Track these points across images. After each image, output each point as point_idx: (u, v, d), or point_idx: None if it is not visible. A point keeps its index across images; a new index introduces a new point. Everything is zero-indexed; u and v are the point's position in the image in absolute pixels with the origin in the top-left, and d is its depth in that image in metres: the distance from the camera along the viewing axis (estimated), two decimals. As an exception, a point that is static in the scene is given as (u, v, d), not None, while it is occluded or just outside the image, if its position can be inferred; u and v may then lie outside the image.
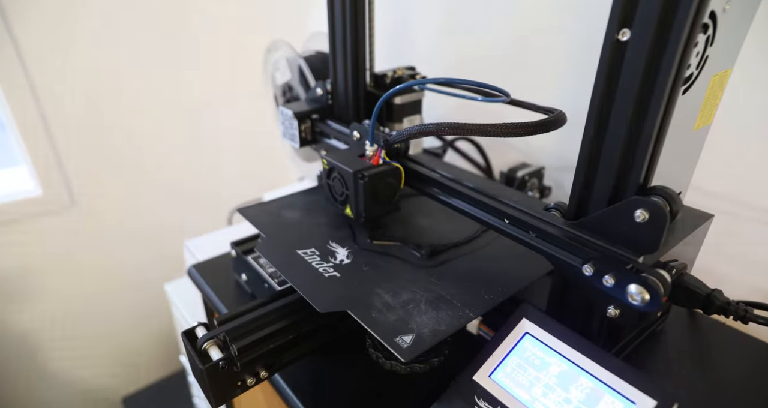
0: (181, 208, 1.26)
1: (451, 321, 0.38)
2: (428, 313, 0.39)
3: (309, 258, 0.47)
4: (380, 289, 0.42)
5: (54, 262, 1.13)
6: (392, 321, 0.38)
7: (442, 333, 0.37)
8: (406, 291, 0.42)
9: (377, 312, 0.39)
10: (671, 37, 0.29)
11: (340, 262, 0.46)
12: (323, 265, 0.46)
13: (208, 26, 1.12)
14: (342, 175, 0.49)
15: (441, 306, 0.40)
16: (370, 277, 0.44)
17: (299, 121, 0.62)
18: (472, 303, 0.41)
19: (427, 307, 0.40)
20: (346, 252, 0.48)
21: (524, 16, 0.70)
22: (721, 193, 0.56)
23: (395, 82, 0.63)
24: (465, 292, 0.42)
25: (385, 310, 0.40)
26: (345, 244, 0.50)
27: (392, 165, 0.49)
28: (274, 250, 0.48)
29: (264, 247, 0.49)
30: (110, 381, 1.33)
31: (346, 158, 0.50)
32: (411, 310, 0.40)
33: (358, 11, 0.56)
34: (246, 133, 1.29)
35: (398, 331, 0.37)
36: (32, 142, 1.00)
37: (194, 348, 0.39)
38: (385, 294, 0.42)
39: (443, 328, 0.38)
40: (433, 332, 0.37)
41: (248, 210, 0.56)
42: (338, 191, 0.51)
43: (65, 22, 0.96)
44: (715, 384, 0.44)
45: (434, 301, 0.41)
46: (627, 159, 0.34)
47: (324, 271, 0.45)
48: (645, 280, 0.32)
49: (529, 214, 0.40)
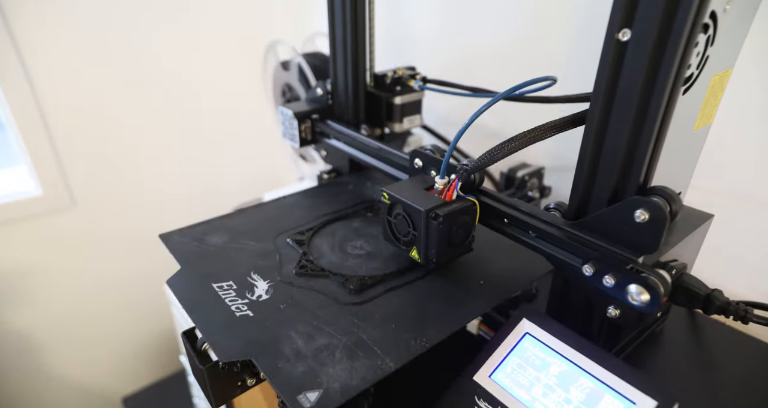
0: (181, 208, 1.26)
1: (366, 374, 0.34)
2: (342, 362, 0.35)
3: (224, 293, 0.42)
4: (295, 332, 0.38)
5: (54, 262, 1.13)
6: (299, 373, 0.34)
7: (353, 389, 0.33)
8: (324, 334, 0.38)
9: (285, 362, 0.35)
10: (672, 37, 0.29)
11: (257, 299, 0.42)
12: (237, 301, 0.41)
13: (209, 26, 1.12)
14: (409, 213, 0.42)
15: (358, 354, 0.36)
16: (286, 318, 0.40)
17: (299, 121, 0.62)
18: (395, 350, 0.36)
19: (342, 356, 0.36)
20: (267, 286, 0.43)
21: (524, 16, 0.70)
22: (721, 192, 0.56)
23: (395, 82, 0.63)
24: (389, 337, 0.37)
25: (294, 359, 0.35)
26: (267, 276, 0.45)
27: (468, 200, 0.42)
28: (186, 285, 0.44)
29: (176, 281, 0.44)
30: (110, 381, 1.33)
31: (413, 193, 0.43)
32: (324, 358, 0.35)
33: (358, 11, 0.56)
34: (246, 133, 1.29)
35: (302, 387, 0.33)
36: (32, 142, 1.00)
37: (194, 348, 0.39)
38: (299, 338, 0.37)
39: (355, 382, 0.33)
40: (344, 388, 0.33)
41: (170, 236, 0.51)
42: (402, 231, 0.44)
43: (65, 23, 0.96)
44: (715, 384, 0.44)
45: (352, 348, 0.36)
46: (627, 159, 0.34)
47: (237, 308, 0.40)
48: (645, 280, 0.32)
49: (529, 214, 0.40)
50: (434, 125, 0.76)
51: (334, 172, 0.66)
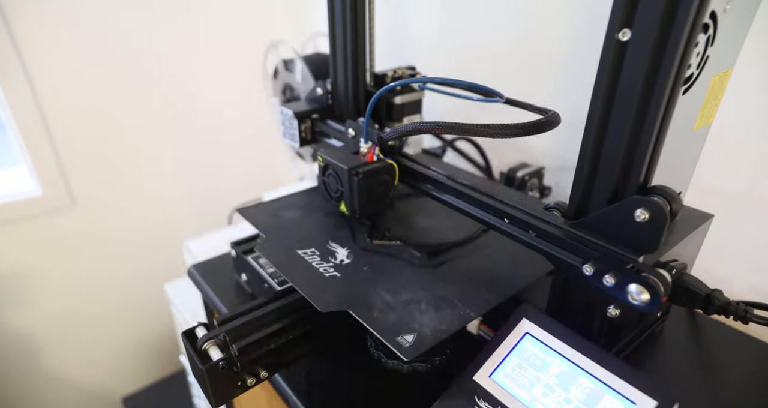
0: (181, 208, 1.26)
1: (452, 320, 0.38)
2: (429, 312, 0.39)
3: (309, 258, 0.47)
4: (381, 288, 0.42)
5: (54, 262, 1.13)
6: (393, 320, 0.38)
7: (444, 332, 0.37)
8: (407, 291, 0.42)
9: (378, 312, 0.40)
10: (672, 37, 0.29)
11: (340, 262, 0.46)
12: (323, 265, 0.46)
13: (209, 26, 1.12)
14: (336, 171, 0.49)
15: (442, 306, 0.40)
16: (370, 277, 0.44)
17: (299, 120, 0.62)
18: (473, 302, 0.41)
19: (427, 307, 0.40)
20: (346, 252, 0.48)
21: (524, 16, 0.70)
22: (721, 192, 0.56)
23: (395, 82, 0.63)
24: (465, 292, 0.42)
25: (387, 309, 0.40)
26: (345, 244, 0.50)
27: (386, 162, 0.49)
28: (274, 250, 0.48)
29: (264, 247, 0.49)
30: (110, 381, 1.33)
31: (341, 155, 0.50)
32: (412, 309, 0.40)
33: (358, 11, 0.56)
34: (246, 133, 1.29)
35: (400, 331, 0.37)
36: (32, 142, 1.00)
37: (194, 348, 0.39)
38: (386, 294, 0.42)
39: (444, 327, 0.38)
40: (435, 331, 0.37)
41: (248, 210, 0.56)
42: (333, 188, 0.51)
43: (65, 23, 0.96)
44: (715, 384, 0.44)
45: (435, 301, 0.41)
46: (627, 159, 0.34)
47: (324, 270, 0.45)
48: (645, 280, 0.32)
49: (529, 214, 0.40)
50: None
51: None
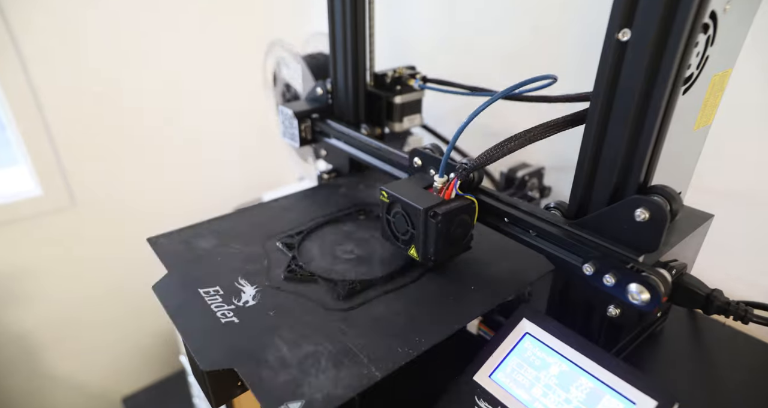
0: (181, 208, 1.26)
1: (351, 382, 0.33)
2: (327, 371, 0.34)
3: (210, 299, 0.42)
4: (280, 339, 0.37)
5: (54, 262, 1.13)
6: (282, 383, 0.33)
7: (337, 399, 0.32)
8: (310, 342, 0.37)
9: (269, 370, 0.34)
10: (672, 37, 0.29)
11: (243, 304, 0.41)
12: (223, 307, 0.41)
13: (209, 26, 1.12)
14: (407, 211, 0.42)
15: (344, 362, 0.35)
16: (272, 324, 0.39)
17: (299, 120, 0.62)
18: (382, 358, 0.35)
19: (327, 364, 0.35)
20: (254, 291, 0.43)
21: (525, 16, 0.70)
22: (721, 192, 0.56)
23: (395, 82, 0.63)
24: (376, 344, 0.37)
25: (278, 367, 0.35)
26: (255, 281, 0.44)
27: (467, 199, 0.42)
28: (173, 290, 0.43)
29: (162, 287, 0.43)
30: (110, 381, 1.33)
31: (411, 191, 0.43)
32: (308, 367, 0.35)
33: (358, 11, 0.56)
34: (246, 133, 1.29)
35: (284, 397, 0.32)
36: (32, 142, 1.00)
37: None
38: (284, 346, 0.37)
39: (340, 391, 0.33)
40: (327, 398, 0.32)
41: (158, 240, 0.50)
42: (401, 230, 0.44)
43: (65, 22, 0.96)
44: (715, 384, 0.44)
45: (338, 355, 0.36)
46: (627, 158, 0.34)
47: (222, 315, 0.40)
48: (645, 279, 0.32)
49: (529, 214, 0.40)
50: (434, 125, 0.76)
51: (335, 171, 0.66)
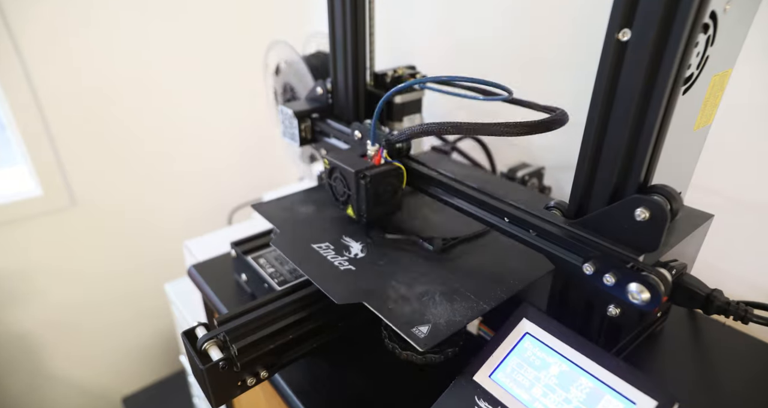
0: (181, 208, 1.26)
1: (466, 312, 0.39)
2: (443, 304, 0.40)
3: (324, 252, 0.47)
4: (395, 281, 0.43)
5: (54, 262, 1.13)
6: (408, 312, 0.39)
7: (458, 323, 0.38)
8: (420, 283, 0.43)
9: (393, 303, 0.40)
10: (672, 37, 0.29)
11: (354, 256, 0.47)
12: (338, 258, 0.46)
13: (209, 26, 1.12)
14: (343, 175, 0.49)
15: (455, 298, 0.41)
16: (384, 270, 0.45)
17: (299, 120, 0.62)
18: (486, 295, 0.41)
19: (441, 299, 0.41)
20: (360, 246, 0.49)
21: (525, 16, 0.70)
22: (721, 192, 0.56)
23: (395, 81, 0.63)
24: (478, 285, 0.43)
25: (401, 301, 0.40)
26: (359, 239, 0.50)
27: (394, 165, 0.49)
28: (289, 245, 0.49)
29: (279, 242, 0.49)
30: (110, 381, 1.33)
31: (348, 158, 0.50)
32: (426, 301, 0.40)
33: (358, 11, 0.56)
34: (246, 133, 1.29)
35: (414, 322, 0.38)
36: (32, 141, 1.00)
37: (194, 348, 0.39)
38: (400, 286, 0.42)
39: (458, 318, 0.38)
40: (449, 323, 0.38)
41: (262, 205, 0.56)
42: (340, 191, 0.51)
43: (65, 22, 0.96)
44: (715, 384, 0.44)
45: (448, 294, 0.41)
46: (627, 158, 0.34)
47: (339, 264, 0.45)
48: (646, 279, 0.32)
49: (529, 213, 0.40)
50: (434, 125, 0.76)
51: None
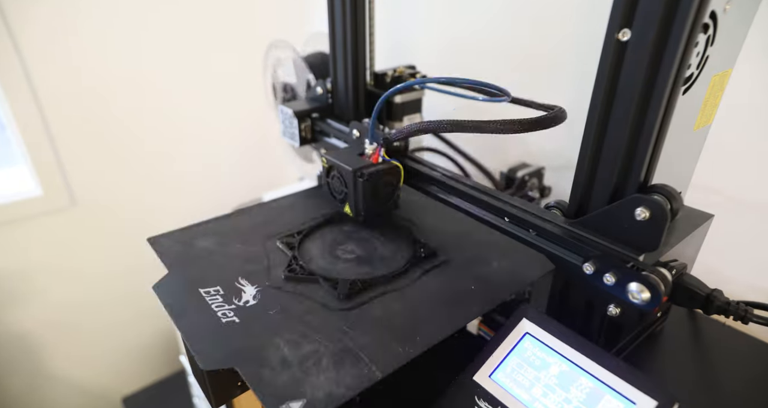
0: (181, 207, 1.26)
1: (352, 382, 0.34)
2: (328, 371, 0.35)
3: (210, 299, 0.42)
4: (281, 339, 0.38)
5: (54, 262, 1.13)
6: (283, 382, 0.34)
7: (338, 397, 0.33)
8: (311, 341, 0.37)
9: (270, 370, 0.35)
10: (672, 37, 0.29)
11: (244, 304, 0.41)
12: (224, 307, 0.41)
13: (209, 26, 1.12)
14: (341, 173, 0.49)
15: (345, 362, 0.36)
16: (273, 324, 0.39)
17: (299, 119, 0.62)
18: (383, 358, 0.36)
19: (328, 363, 0.35)
20: (255, 291, 0.43)
21: (525, 16, 0.70)
22: (722, 192, 0.56)
23: (395, 81, 0.63)
24: (377, 343, 0.37)
25: (280, 367, 0.35)
26: (255, 281, 0.44)
27: (391, 163, 0.49)
28: (173, 290, 0.43)
29: (162, 287, 0.43)
30: (110, 381, 1.33)
31: (346, 157, 0.50)
32: (309, 367, 0.35)
33: (358, 11, 0.56)
34: (246, 133, 1.29)
35: (286, 396, 0.33)
36: (32, 142, 1.00)
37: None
38: (285, 346, 0.37)
39: (341, 390, 0.33)
40: (328, 397, 0.33)
41: (158, 239, 0.51)
42: (337, 189, 0.51)
43: (65, 22, 0.96)
44: (715, 384, 0.44)
45: (339, 355, 0.36)
46: (627, 158, 0.34)
47: (223, 315, 0.40)
48: (646, 279, 0.32)
49: (529, 213, 0.40)
50: (434, 125, 0.76)
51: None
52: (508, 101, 0.44)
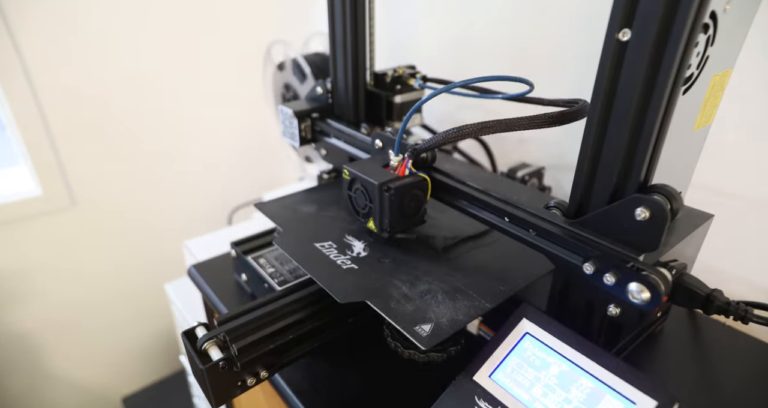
0: (181, 208, 1.26)
1: (468, 311, 0.39)
2: (445, 303, 0.40)
3: (327, 251, 0.47)
4: (397, 280, 0.43)
5: (54, 262, 1.13)
6: (411, 311, 0.39)
7: (460, 322, 0.38)
8: (423, 282, 0.43)
9: (396, 302, 0.40)
10: (672, 37, 0.29)
11: (357, 255, 0.46)
12: (341, 257, 0.46)
13: (209, 26, 1.12)
14: (365, 187, 0.46)
15: (457, 297, 0.41)
16: (386, 269, 0.44)
17: (299, 119, 0.62)
18: (488, 293, 0.41)
19: (444, 298, 0.40)
20: (363, 245, 0.48)
21: (524, 15, 0.70)
22: (722, 192, 0.56)
23: (395, 81, 0.63)
24: (480, 284, 0.42)
25: (404, 300, 0.40)
26: (361, 238, 0.49)
27: (419, 176, 0.46)
28: (291, 244, 0.48)
29: (282, 241, 0.49)
30: (110, 381, 1.33)
31: (370, 169, 0.47)
32: (428, 300, 0.40)
33: (358, 11, 0.56)
34: (246, 134, 1.30)
35: (417, 321, 0.38)
36: (32, 142, 1.00)
37: (194, 348, 0.39)
38: (403, 285, 0.42)
39: (461, 317, 0.38)
40: (451, 321, 0.38)
41: (264, 204, 0.56)
42: (361, 204, 0.48)
43: (65, 22, 0.96)
44: (715, 384, 0.44)
45: (450, 292, 0.41)
46: (627, 158, 0.34)
47: (342, 263, 0.45)
48: (646, 278, 0.32)
49: (529, 213, 0.40)
50: (434, 124, 0.76)
51: (335, 171, 0.66)
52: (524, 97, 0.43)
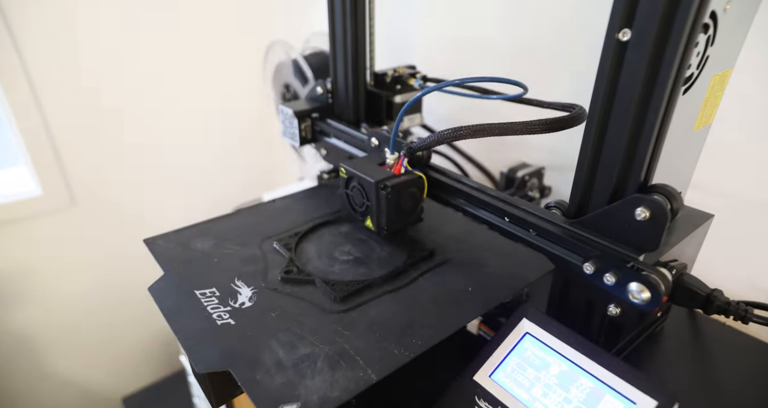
0: (181, 208, 1.26)
1: (347, 385, 0.33)
2: (323, 373, 0.34)
3: (206, 300, 0.41)
4: (276, 341, 0.37)
5: (54, 261, 1.13)
6: (278, 385, 0.33)
7: (333, 401, 0.32)
8: (306, 344, 0.37)
9: (264, 373, 0.34)
10: (672, 37, 0.29)
11: (240, 306, 0.41)
12: (219, 309, 0.40)
13: (209, 26, 1.12)
14: (362, 185, 0.46)
15: (340, 364, 0.35)
16: (268, 326, 0.39)
17: (299, 119, 0.62)
18: (378, 360, 0.35)
19: (323, 366, 0.35)
20: (251, 293, 0.43)
21: (524, 16, 0.70)
22: (722, 192, 0.56)
23: (395, 81, 0.63)
24: (373, 346, 0.37)
25: (274, 370, 0.34)
26: (252, 283, 0.44)
27: (415, 174, 0.46)
28: (168, 292, 0.43)
29: (158, 288, 0.43)
30: (110, 381, 1.33)
31: (366, 167, 0.47)
32: (304, 369, 0.34)
33: (358, 11, 0.56)
34: (246, 134, 1.30)
35: (280, 400, 0.32)
36: (32, 142, 1.00)
37: (193, 348, 0.39)
38: (280, 348, 0.36)
39: (335, 394, 0.32)
40: (323, 400, 0.32)
41: (154, 241, 0.50)
42: (358, 202, 0.48)
43: (65, 22, 0.96)
44: (715, 384, 0.44)
45: (334, 357, 0.36)
46: (628, 158, 0.34)
47: (218, 317, 0.39)
48: (646, 278, 0.32)
49: (529, 213, 0.40)
50: (434, 124, 0.76)
51: (334, 171, 0.66)
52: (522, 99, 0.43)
